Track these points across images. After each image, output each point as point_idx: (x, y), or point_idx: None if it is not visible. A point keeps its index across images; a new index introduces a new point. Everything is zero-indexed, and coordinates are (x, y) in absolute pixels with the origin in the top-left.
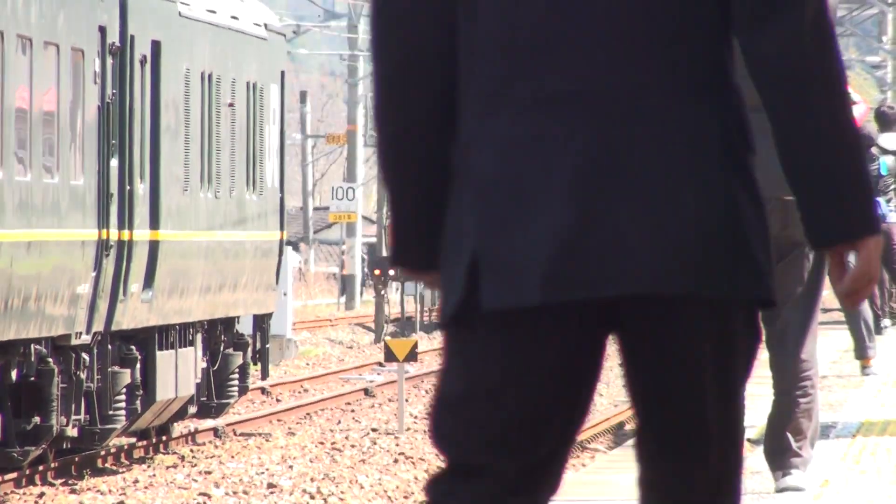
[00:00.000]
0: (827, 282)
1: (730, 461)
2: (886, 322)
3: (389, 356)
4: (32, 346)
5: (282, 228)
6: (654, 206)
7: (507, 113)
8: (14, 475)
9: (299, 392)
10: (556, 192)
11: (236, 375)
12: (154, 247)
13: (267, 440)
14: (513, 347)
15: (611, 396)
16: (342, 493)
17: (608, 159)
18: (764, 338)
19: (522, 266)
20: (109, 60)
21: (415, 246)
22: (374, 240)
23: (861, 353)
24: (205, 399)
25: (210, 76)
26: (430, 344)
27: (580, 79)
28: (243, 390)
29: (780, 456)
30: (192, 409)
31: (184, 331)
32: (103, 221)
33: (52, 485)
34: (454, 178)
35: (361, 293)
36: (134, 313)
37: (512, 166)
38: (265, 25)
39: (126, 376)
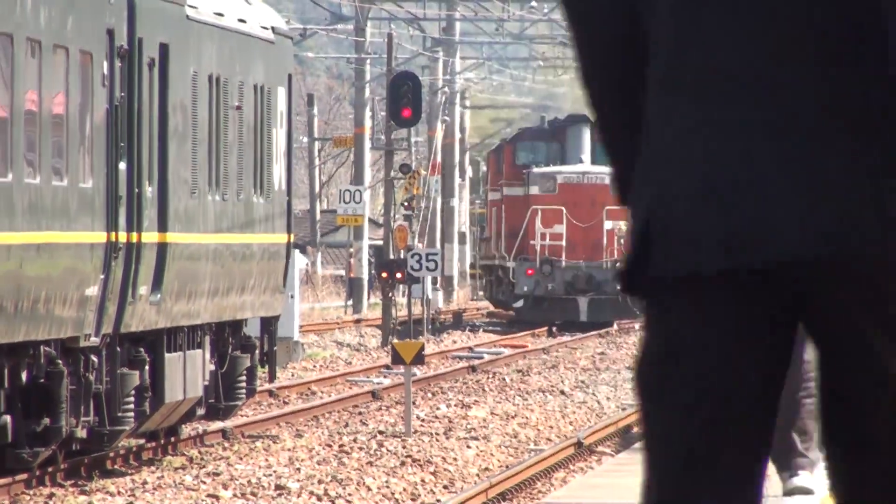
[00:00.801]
0: None
1: None
2: None
3: (396, 359)
4: (42, 347)
5: (289, 231)
6: (823, 177)
7: (686, 93)
8: (24, 476)
9: (307, 394)
10: (731, 162)
11: (244, 377)
12: (162, 249)
13: (274, 442)
14: (680, 316)
15: (617, 400)
16: (349, 495)
17: (780, 138)
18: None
19: (690, 234)
20: (118, 63)
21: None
22: (380, 243)
23: None
24: (213, 401)
25: (217, 79)
26: (437, 347)
27: (754, 64)
28: (251, 392)
29: (785, 457)
30: (201, 411)
31: (192, 333)
32: (112, 224)
33: (61, 486)
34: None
35: (368, 296)
36: (142, 315)
37: (686, 144)
38: (272, 28)
39: (135, 378)
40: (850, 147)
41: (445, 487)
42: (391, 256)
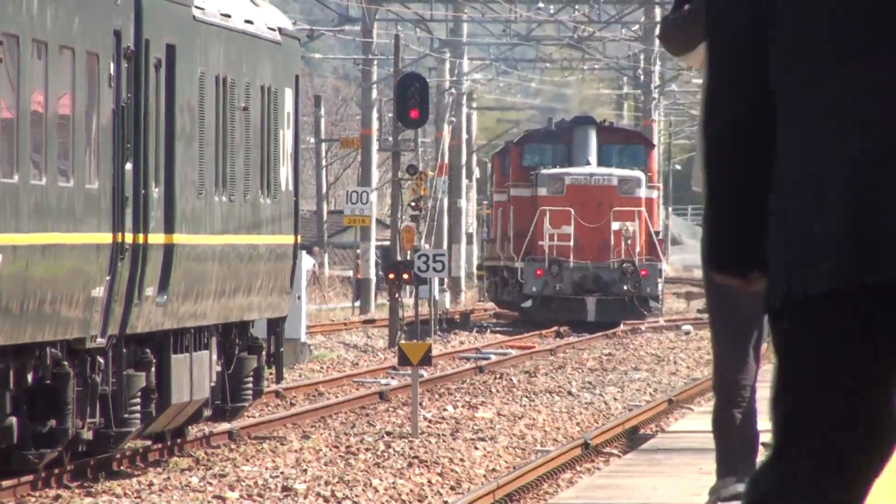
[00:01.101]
0: None
1: None
2: None
3: (403, 360)
4: (48, 349)
5: (296, 232)
6: None
7: (802, 123)
8: (30, 478)
9: (314, 395)
10: (843, 188)
11: (251, 379)
12: (169, 250)
13: (281, 443)
14: (816, 334)
15: (624, 401)
16: (356, 496)
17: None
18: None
19: (817, 256)
20: (124, 64)
21: (740, 244)
22: (387, 243)
23: None
24: (219, 402)
25: (224, 80)
26: (444, 348)
27: (861, 90)
28: (258, 394)
29: (734, 460)
30: (207, 413)
31: (198, 334)
32: (118, 225)
33: (67, 487)
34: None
35: (375, 297)
36: (149, 317)
37: (805, 169)
38: (279, 30)
39: (141, 379)
40: None
41: (452, 488)
42: (398, 257)
